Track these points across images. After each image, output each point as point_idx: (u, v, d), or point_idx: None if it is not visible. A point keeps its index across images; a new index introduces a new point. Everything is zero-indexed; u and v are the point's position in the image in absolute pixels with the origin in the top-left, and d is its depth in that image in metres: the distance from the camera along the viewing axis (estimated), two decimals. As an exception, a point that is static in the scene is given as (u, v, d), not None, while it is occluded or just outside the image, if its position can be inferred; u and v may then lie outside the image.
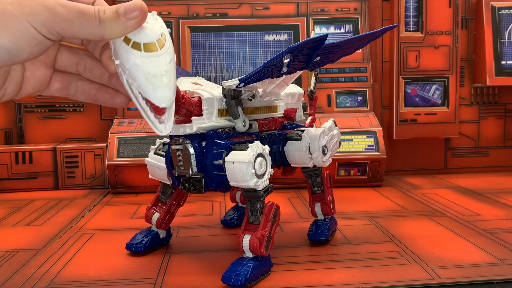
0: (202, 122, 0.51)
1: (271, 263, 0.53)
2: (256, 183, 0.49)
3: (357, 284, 0.50)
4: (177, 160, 0.53)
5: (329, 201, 0.65)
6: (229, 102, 0.52)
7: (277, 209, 0.53)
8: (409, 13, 1.09)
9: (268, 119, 0.60)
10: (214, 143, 0.51)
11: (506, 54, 1.11)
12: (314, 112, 0.71)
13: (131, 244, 0.61)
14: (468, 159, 1.16)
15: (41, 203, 0.91)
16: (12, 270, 0.56)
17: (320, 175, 0.65)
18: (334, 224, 0.67)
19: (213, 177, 0.51)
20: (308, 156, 0.59)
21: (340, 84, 1.08)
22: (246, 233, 0.50)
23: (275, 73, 0.49)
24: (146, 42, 0.36)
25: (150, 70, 0.36)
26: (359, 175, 1.00)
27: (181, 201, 0.64)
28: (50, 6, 0.36)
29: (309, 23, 1.10)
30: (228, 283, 0.48)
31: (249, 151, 0.48)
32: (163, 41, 0.37)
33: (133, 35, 0.37)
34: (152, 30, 0.37)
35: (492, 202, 0.85)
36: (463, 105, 1.16)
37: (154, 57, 0.36)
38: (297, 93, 0.67)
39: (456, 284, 0.50)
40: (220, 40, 1.08)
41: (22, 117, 1.08)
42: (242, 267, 0.49)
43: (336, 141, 0.65)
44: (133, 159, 0.96)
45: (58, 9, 0.36)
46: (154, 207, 0.63)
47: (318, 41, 0.47)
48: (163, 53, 0.37)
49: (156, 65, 0.36)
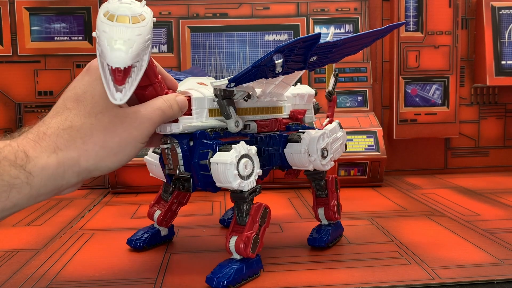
0: (190, 122, 0.51)
1: (260, 265, 0.52)
2: (240, 184, 0.49)
3: (357, 284, 0.50)
4: (166, 159, 0.54)
5: (333, 206, 0.63)
6: (220, 102, 0.52)
7: (266, 210, 0.52)
8: (409, 13, 1.09)
9: (269, 120, 0.59)
10: (201, 143, 0.51)
11: (506, 54, 1.11)
12: (332, 114, 0.67)
13: (130, 239, 0.63)
14: (468, 159, 1.16)
15: (41, 203, 0.91)
16: (12, 270, 0.56)
17: (324, 179, 0.63)
18: (339, 230, 0.65)
19: (200, 177, 0.51)
20: (307, 158, 0.57)
21: (340, 84, 1.08)
22: (233, 235, 0.50)
23: (269, 73, 0.48)
24: (120, 14, 0.40)
25: (114, 35, 0.39)
26: (359, 175, 1.00)
27: (183, 200, 0.65)
28: (154, 120, 0.46)
29: (309, 23, 1.10)
30: (211, 285, 0.48)
31: (232, 152, 0.48)
32: (139, 19, 0.40)
33: (113, 8, 0.40)
34: (131, 8, 0.41)
35: (492, 202, 0.85)
36: (463, 105, 1.16)
37: (122, 27, 0.39)
38: (306, 94, 0.65)
39: (456, 284, 0.50)
40: (220, 40, 1.08)
41: (22, 117, 1.08)
42: (226, 268, 0.49)
43: (340, 144, 0.63)
44: (133, 159, 0.96)
45: (157, 119, 0.46)
46: (156, 205, 0.64)
47: (310, 40, 0.46)
48: (134, 26, 0.40)
49: (121, 32, 0.39)
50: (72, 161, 0.41)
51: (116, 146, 0.43)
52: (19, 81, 1.06)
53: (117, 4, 0.41)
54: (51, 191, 0.41)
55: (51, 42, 1.07)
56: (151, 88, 0.48)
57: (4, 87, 1.06)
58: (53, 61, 1.07)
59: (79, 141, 0.42)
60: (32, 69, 1.06)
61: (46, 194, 0.41)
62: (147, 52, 0.42)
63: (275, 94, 0.58)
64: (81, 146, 0.42)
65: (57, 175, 0.41)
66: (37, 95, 1.07)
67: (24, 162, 0.39)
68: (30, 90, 1.07)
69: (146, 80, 0.47)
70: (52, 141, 0.41)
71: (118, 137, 0.43)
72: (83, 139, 0.42)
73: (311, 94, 0.66)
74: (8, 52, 1.06)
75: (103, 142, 0.42)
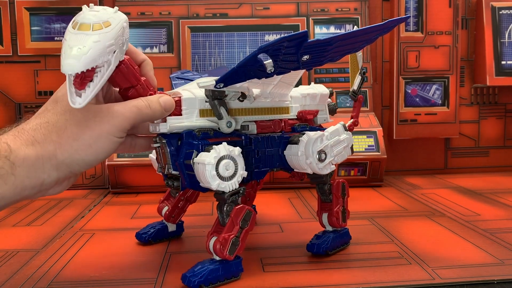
0: (179, 122, 0.51)
1: (240, 268, 0.51)
2: (220, 185, 0.48)
3: (357, 284, 0.50)
4: (159, 158, 0.55)
5: (337, 212, 0.60)
6: (211, 103, 0.52)
7: (249, 213, 0.51)
8: (409, 13, 1.09)
9: (272, 120, 0.57)
10: (187, 143, 0.51)
11: (506, 54, 1.11)
12: (357, 115, 0.64)
13: (138, 233, 0.65)
14: (468, 159, 1.16)
15: (41, 203, 0.91)
16: (12, 270, 0.56)
17: (327, 183, 0.60)
18: (344, 239, 0.61)
19: (186, 176, 0.51)
20: (305, 161, 0.55)
21: (340, 84, 1.08)
22: (214, 235, 0.50)
23: (260, 73, 0.48)
24: (82, 22, 0.41)
25: (70, 43, 0.41)
26: (359, 175, 1.00)
27: (191, 197, 0.66)
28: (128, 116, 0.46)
29: (309, 23, 1.10)
30: (183, 282, 0.49)
31: (211, 153, 0.48)
32: (102, 26, 0.42)
33: (79, 17, 0.42)
34: (97, 15, 0.42)
35: (492, 202, 0.85)
36: (463, 105, 1.16)
37: (81, 35, 0.41)
38: (319, 94, 0.62)
39: (456, 284, 0.50)
40: (220, 40, 1.08)
41: (22, 117, 1.08)
42: (201, 268, 0.49)
43: (344, 147, 0.59)
44: (133, 159, 0.96)
45: (132, 115, 0.46)
46: (165, 201, 0.66)
47: (296, 39, 0.44)
48: (93, 33, 0.41)
49: (77, 40, 0.41)
50: (49, 153, 0.43)
51: (88, 138, 0.45)
52: (19, 81, 1.06)
53: (85, 13, 0.42)
54: (35, 184, 0.43)
55: (51, 42, 1.07)
56: (133, 90, 0.49)
57: (4, 87, 1.06)
58: (53, 61, 1.07)
59: (54, 135, 0.44)
60: (32, 69, 1.06)
61: (31, 188, 0.43)
62: (112, 56, 0.43)
63: (277, 94, 0.58)
64: (56, 139, 0.44)
65: (37, 167, 0.43)
66: (37, 95, 1.07)
67: (8, 153, 0.41)
68: (30, 90, 1.07)
69: (126, 83, 0.49)
70: (30, 135, 0.44)
71: (91, 130, 0.45)
72: (58, 133, 0.44)
73: (325, 94, 0.63)
74: (8, 52, 1.06)
75: (76, 134, 0.44)
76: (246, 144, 0.54)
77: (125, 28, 0.45)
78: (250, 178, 0.55)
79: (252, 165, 0.55)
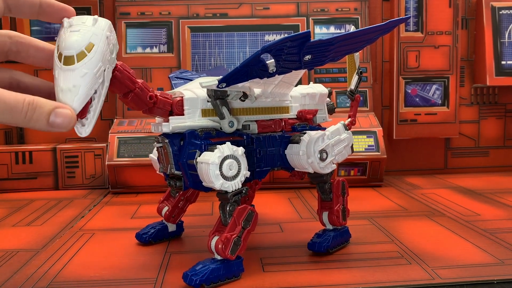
0: (182, 122, 0.52)
1: (241, 268, 0.51)
2: (223, 185, 0.49)
3: (357, 284, 0.50)
4: (161, 158, 0.55)
5: (337, 210, 0.60)
6: (213, 103, 0.52)
7: (251, 213, 0.51)
8: (409, 13, 1.09)
9: (272, 120, 0.58)
10: (189, 143, 0.51)
11: (506, 54, 1.11)
12: (355, 114, 0.64)
13: (138, 233, 0.65)
14: (468, 159, 1.16)
15: (41, 203, 0.91)
16: (12, 270, 0.56)
17: (328, 182, 0.60)
18: (344, 237, 0.62)
19: (189, 176, 0.52)
20: (306, 160, 0.55)
21: (340, 84, 1.08)
22: (216, 234, 0.50)
23: (262, 73, 0.48)
24: (66, 55, 0.40)
25: (60, 83, 0.40)
26: (359, 175, 1.00)
27: (191, 197, 0.66)
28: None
29: (309, 23, 1.10)
30: (185, 281, 0.49)
31: (215, 152, 0.48)
32: (86, 52, 0.40)
33: (61, 42, 0.41)
34: (78, 41, 0.41)
35: (492, 202, 0.85)
36: (463, 105, 1.16)
37: (68, 71, 0.40)
38: (318, 93, 0.63)
39: (456, 284, 0.50)
40: (220, 40, 1.08)
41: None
42: (202, 267, 0.49)
43: (344, 146, 0.59)
44: (133, 159, 0.96)
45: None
46: (165, 201, 0.66)
47: (299, 39, 0.44)
48: (79, 66, 0.40)
49: (66, 80, 0.40)
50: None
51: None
52: (19, 81, 1.06)
53: (66, 38, 0.41)
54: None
55: (51, 42, 1.06)
56: (133, 94, 0.48)
57: (4, 87, 1.06)
58: (53, 61, 1.07)
59: None
60: (32, 69, 1.06)
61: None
62: (104, 75, 0.42)
63: (278, 94, 0.58)
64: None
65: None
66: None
67: None
68: (30, 90, 1.07)
69: (124, 88, 0.48)
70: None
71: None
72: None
73: (323, 93, 0.64)
74: (8, 52, 1.06)
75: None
76: (248, 144, 0.54)
77: (109, 35, 0.43)
78: (252, 177, 0.55)
79: (254, 165, 0.55)
